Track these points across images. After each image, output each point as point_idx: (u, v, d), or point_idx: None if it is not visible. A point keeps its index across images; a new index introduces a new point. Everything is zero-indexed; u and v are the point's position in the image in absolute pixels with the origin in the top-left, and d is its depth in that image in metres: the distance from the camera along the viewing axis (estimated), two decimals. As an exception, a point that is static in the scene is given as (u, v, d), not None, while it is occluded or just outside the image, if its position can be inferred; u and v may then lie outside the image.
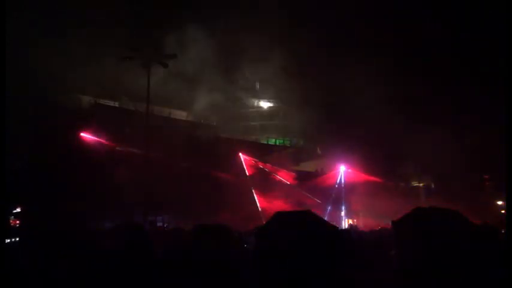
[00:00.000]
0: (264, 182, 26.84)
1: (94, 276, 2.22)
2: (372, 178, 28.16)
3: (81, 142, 23.12)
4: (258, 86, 32.35)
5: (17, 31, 17.11)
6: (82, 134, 23.45)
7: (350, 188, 28.30)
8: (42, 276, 2.27)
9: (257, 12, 26.78)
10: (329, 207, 27.32)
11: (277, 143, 32.74)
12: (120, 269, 2.44)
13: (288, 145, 33.02)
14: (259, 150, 29.73)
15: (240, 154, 28.48)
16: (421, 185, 30.44)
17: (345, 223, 26.96)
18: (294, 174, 28.75)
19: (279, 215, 2.16)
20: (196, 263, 2.16)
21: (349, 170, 28.81)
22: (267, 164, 28.76)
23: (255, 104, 33.44)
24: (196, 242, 2.32)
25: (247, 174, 26.92)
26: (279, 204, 24.34)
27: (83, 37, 23.03)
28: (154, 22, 25.51)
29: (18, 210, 19.72)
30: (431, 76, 26.49)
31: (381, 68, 25.67)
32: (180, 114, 29.78)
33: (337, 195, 28.43)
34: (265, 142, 31.85)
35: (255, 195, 25.66)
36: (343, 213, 28.29)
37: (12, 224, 18.11)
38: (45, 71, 19.89)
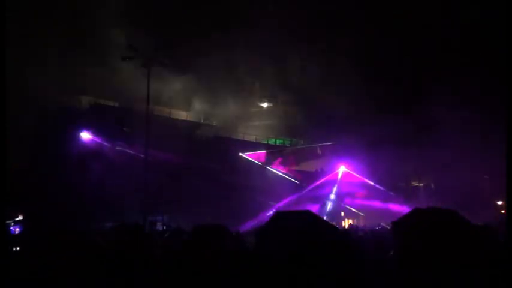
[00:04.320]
0: (264, 182, 26.86)
1: (93, 276, 2.22)
2: (372, 178, 28.19)
3: (81, 142, 23.14)
4: (258, 86, 32.33)
5: (16, 30, 17.12)
6: (82, 134, 23.47)
7: (350, 188, 28.33)
8: (41, 275, 2.28)
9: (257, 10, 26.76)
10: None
11: (277, 143, 32.76)
12: (120, 269, 2.44)
13: (288, 145, 33.05)
14: (259, 150, 29.76)
15: (240, 154, 28.52)
16: (421, 185, 30.46)
17: (345, 223, 26.98)
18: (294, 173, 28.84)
19: (279, 215, 2.16)
20: (196, 264, 2.17)
21: (349, 171, 28.83)
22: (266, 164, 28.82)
23: (255, 103, 33.42)
24: (196, 242, 2.32)
25: (247, 173, 26.93)
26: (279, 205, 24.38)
27: (83, 37, 23.06)
28: (155, 21, 25.52)
29: (20, 218, 19.62)
30: (431, 76, 26.49)
31: (381, 68, 25.70)
32: (180, 114, 29.80)
33: (337, 195, 28.47)
34: (265, 142, 31.86)
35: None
36: (343, 213, 28.33)
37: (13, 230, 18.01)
38: (44, 71, 19.92)
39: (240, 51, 25.78)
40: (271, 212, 22.41)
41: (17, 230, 18.50)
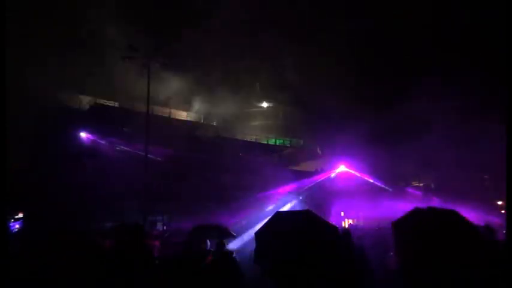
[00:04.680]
0: (264, 182, 26.84)
1: (93, 276, 2.22)
2: (372, 177, 28.18)
3: (81, 142, 23.16)
4: (258, 86, 32.34)
5: (16, 30, 17.12)
6: (82, 134, 23.48)
7: (350, 187, 28.29)
8: (41, 275, 2.27)
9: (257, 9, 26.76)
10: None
11: (277, 143, 32.79)
12: (120, 269, 2.44)
13: (288, 145, 33.07)
14: (259, 150, 29.75)
15: (240, 154, 28.50)
16: (421, 185, 30.42)
17: (345, 223, 26.94)
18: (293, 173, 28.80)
19: (279, 215, 2.16)
20: (196, 263, 2.17)
21: (349, 170, 28.81)
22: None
23: (255, 103, 33.45)
24: (196, 242, 2.32)
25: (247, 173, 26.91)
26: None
27: (82, 37, 23.07)
28: (155, 21, 25.51)
29: (20, 215, 19.64)
30: (432, 72, 26.44)
31: (379, 65, 25.70)
32: (180, 114, 29.82)
33: (336, 195, 28.42)
34: (265, 142, 31.90)
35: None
36: (343, 213, 28.27)
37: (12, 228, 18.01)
38: (44, 71, 19.92)
39: (240, 51, 25.79)
40: (270, 207, 22.42)
41: (17, 226, 18.54)
